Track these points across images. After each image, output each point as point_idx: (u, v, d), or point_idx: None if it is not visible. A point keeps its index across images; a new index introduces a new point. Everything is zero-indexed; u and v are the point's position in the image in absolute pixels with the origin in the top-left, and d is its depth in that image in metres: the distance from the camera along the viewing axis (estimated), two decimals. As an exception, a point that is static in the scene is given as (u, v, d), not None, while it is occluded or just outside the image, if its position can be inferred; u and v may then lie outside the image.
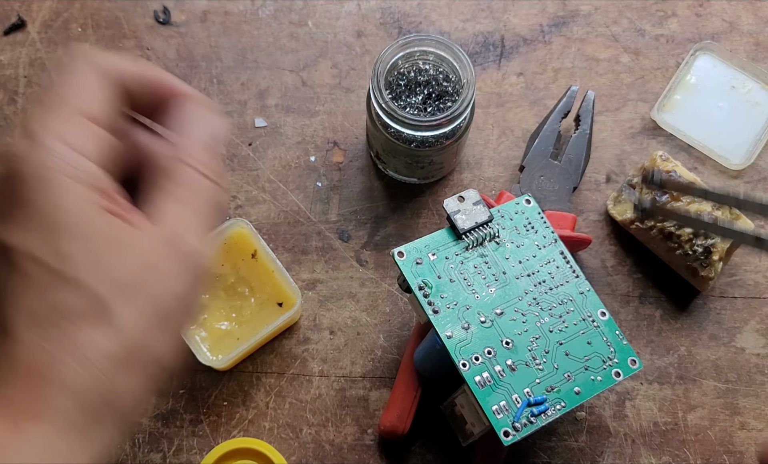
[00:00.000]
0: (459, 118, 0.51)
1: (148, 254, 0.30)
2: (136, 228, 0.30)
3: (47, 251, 0.28)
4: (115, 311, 0.28)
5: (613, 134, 0.60)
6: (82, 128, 0.30)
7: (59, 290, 0.28)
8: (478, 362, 0.45)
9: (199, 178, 0.32)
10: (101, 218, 0.29)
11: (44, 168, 0.28)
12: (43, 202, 0.28)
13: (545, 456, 0.52)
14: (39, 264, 0.28)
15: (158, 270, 0.30)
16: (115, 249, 0.29)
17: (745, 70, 0.60)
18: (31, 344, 0.27)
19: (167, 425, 0.53)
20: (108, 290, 0.28)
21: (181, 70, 0.61)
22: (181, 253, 0.30)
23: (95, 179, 0.29)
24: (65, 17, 0.62)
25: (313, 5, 0.63)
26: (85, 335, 0.28)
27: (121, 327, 0.28)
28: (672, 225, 0.53)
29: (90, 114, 0.30)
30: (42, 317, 0.28)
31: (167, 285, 0.30)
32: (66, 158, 0.29)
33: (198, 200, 0.32)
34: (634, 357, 0.47)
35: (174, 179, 0.32)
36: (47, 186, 0.28)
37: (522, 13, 0.63)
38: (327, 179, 0.58)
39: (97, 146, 0.30)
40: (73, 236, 0.28)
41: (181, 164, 0.32)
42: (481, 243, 0.49)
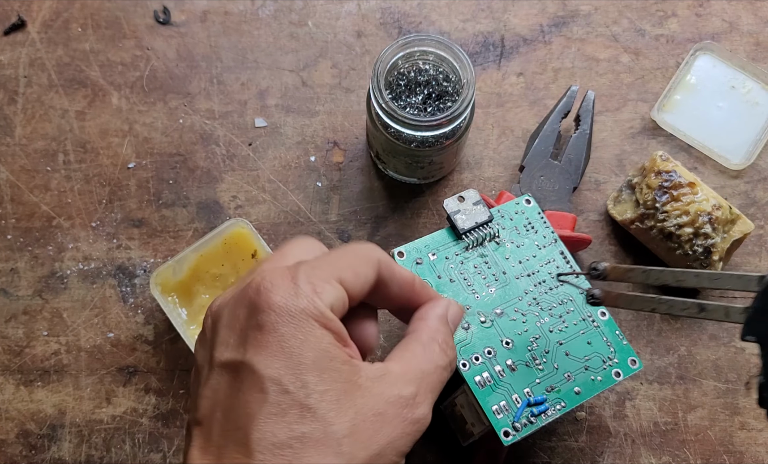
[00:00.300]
0: (459, 118, 0.51)
1: (381, 402, 0.33)
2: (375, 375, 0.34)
3: (294, 382, 0.31)
4: (346, 448, 0.31)
5: (613, 134, 0.60)
6: (335, 290, 0.34)
7: (300, 420, 0.31)
8: (478, 362, 0.45)
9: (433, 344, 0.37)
10: (341, 360, 0.33)
11: (297, 309, 0.32)
12: (291, 336, 0.32)
13: (545, 456, 0.52)
14: (285, 393, 0.31)
15: (387, 419, 0.33)
16: (352, 391, 0.32)
17: (745, 70, 0.60)
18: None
19: (167, 425, 0.53)
20: (344, 428, 0.31)
21: (181, 70, 0.61)
22: (410, 412, 0.34)
23: (337, 328, 0.33)
24: (65, 17, 0.62)
25: (313, 5, 0.63)
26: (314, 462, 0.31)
27: (347, 462, 0.31)
28: (672, 225, 0.53)
29: (345, 283, 0.34)
30: (284, 446, 0.30)
31: (391, 434, 0.33)
32: (317, 306, 0.33)
33: (428, 362, 0.36)
34: (634, 357, 0.47)
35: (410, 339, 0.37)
36: (298, 324, 0.32)
37: (522, 13, 0.63)
38: (327, 179, 0.58)
39: (339, 307, 0.34)
40: (317, 372, 0.32)
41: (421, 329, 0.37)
42: (481, 243, 0.49)
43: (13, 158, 0.59)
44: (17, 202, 0.58)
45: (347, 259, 0.36)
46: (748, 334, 0.36)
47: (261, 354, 0.32)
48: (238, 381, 0.32)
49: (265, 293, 0.32)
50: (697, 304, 0.39)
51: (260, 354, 0.32)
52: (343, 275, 0.35)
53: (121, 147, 0.59)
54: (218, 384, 0.33)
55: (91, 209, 0.58)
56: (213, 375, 0.33)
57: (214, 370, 0.33)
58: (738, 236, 0.53)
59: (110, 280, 0.56)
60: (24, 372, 0.54)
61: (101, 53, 0.61)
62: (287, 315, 0.32)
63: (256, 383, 0.31)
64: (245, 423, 0.31)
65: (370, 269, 0.36)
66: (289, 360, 0.32)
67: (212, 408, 0.33)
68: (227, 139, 0.59)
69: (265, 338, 0.32)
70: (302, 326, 0.32)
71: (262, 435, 0.31)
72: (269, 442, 0.30)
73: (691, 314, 0.39)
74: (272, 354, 0.32)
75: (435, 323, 0.38)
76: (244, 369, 0.32)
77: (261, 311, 0.32)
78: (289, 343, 0.32)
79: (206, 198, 0.58)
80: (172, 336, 0.54)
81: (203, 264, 0.53)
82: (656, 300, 0.41)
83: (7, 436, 0.53)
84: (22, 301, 0.56)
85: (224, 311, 0.34)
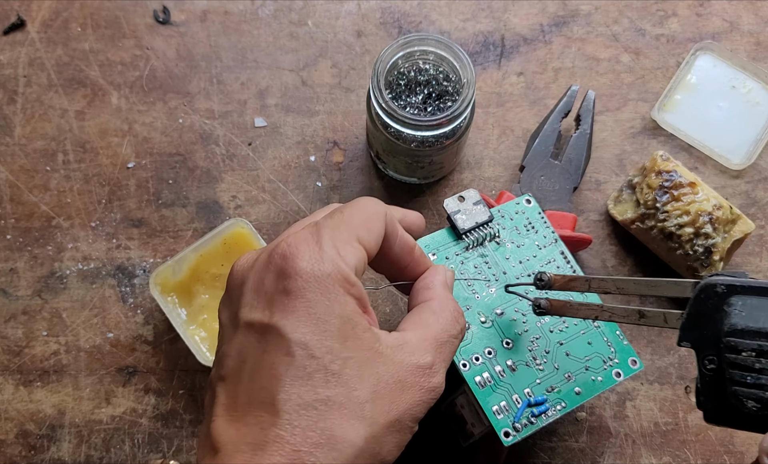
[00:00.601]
0: (459, 118, 0.51)
1: (401, 370, 0.34)
2: (394, 344, 0.35)
3: (321, 348, 0.32)
4: (368, 413, 0.33)
5: (614, 133, 0.60)
6: (357, 251, 0.35)
7: (326, 384, 0.32)
8: (478, 362, 0.44)
9: (445, 311, 0.38)
10: (363, 327, 0.34)
11: (323, 274, 0.33)
12: (317, 302, 0.33)
13: (546, 456, 0.52)
14: (312, 357, 0.32)
15: (406, 386, 0.34)
16: (374, 358, 0.34)
17: (746, 70, 0.60)
18: (298, 430, 0.31)
19: (167, 425, 0.53)
20: (366, 393, 0.33)
21: (181, 69, 0.61)
22: (427, 380, 0.35)
23: (359, 294, 0.34)
24: (65, 17, 0.62)
25: (313, 5, 0.63)
26: (341, 429, 0.32)
27: (368, 426, 0.33)
28: (672, 225, 0.53)
29: (363, 241, 0.36)
30: (310, 408, 0.32)
31: (409, 401, 0.34)
32: (342, 271, 0.34)
33: (442, 332, 0.37)
34: (635, 357, 0.47)
35: (423, 308, 0.38)
36: (324, 290, 0.33)
37: (522, 12, 0.63)
38: (327, 179, 0.58)
39: (361, 268, 0.35)
40: (341, 338, 0.33)
41: (428, 291, 0.39)
42: (482, 243, 0.48)
43: (13, 158, 0.59)
44: (17, 202, 0.58)
45: (361, 216, 0.37)
46: (683, 340, 0.37)
47: (288, 318, 0.32)
48: (264, 343, 0.33)
49: (291, 259, 0.33)
50: (637, 311, 0.40)
51: (287, 318, 0.32)
52: (360, 234, 0.36)
53: (121, 147, 0.59)
54: (244, 344, 0.34)
55: (91, 209, 0.57)
56: (238, 334, 0.34)
57: (240, 330, 0.34)
58: (739, 236, 0.53)
59: (110, 280, 0.56)
60: (23, 372, 0.54)
61: (101, 53, 0.61)
62: (314, 280, 0.33)
63: (283, 346, 0.32)
64: (271, 384, 0.32)
65: (381, 223, 0.37)
66: (316, 326, 0.32)
67: (238, 367, 0.33)
68: (227, 139, 0.59)
69: (292, 303, 0.33)
70: (328, 292, 0.33)
71: (288, 397, 0.32)
72: (295, 403, 0.31)
73: (632, 321, 0.40)
74: (299, 318, 0.32)
75: (442, 292, 0.39)
76: (270, 332, 0.33)
77: (288, 277, 0.33)
78: (315, 309, 0.33)
79: (206, 198, 0.58)
80: (172, 336, 0.54)
81: (203, 264, 0.53)
82: (599, 308, 0.42)
83: (7, 436, 0.53)
84: (21, 301, 0.55)
85: (250, 275, 0.35)
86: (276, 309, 0.33)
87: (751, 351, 0.34)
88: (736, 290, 0.36)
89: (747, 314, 0.35)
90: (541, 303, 0.44)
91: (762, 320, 0.34)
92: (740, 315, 0.35)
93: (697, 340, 0.36)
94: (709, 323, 0.36)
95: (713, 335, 0.36)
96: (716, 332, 0.36)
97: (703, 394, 0.36)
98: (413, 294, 0.40)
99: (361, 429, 0.32)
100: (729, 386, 0.35)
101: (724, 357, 0.35)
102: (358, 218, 0.36)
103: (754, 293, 0.35)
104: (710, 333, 0.36)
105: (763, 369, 0.34)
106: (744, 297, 0.35)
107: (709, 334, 0.36)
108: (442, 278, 0.40)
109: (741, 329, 0.35)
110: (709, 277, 0.36)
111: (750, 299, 0.35)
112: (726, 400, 0.35)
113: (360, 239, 0.36)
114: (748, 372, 0.34)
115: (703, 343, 0.36)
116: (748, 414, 0.35)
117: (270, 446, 0.31)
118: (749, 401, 0.34)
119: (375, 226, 0.37)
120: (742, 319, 0.35)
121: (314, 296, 0.33)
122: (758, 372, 0.34)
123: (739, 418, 0.35)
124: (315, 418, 0.32)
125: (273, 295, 0.33)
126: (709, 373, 0.36)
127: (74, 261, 0.56)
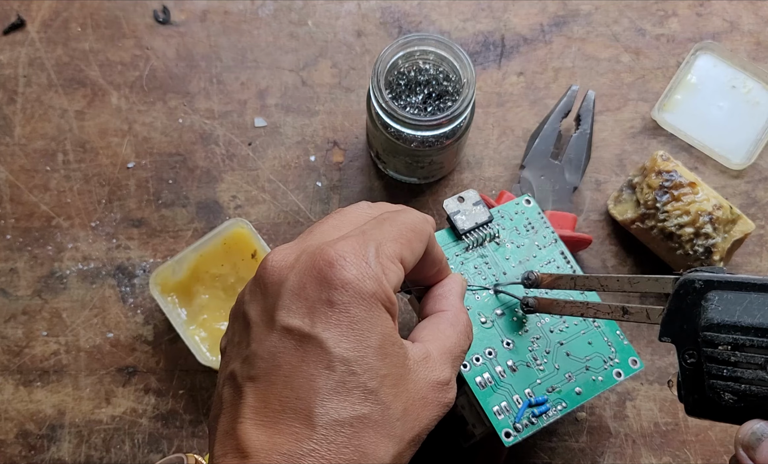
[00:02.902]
0: (459, 117, 0.51)
1: (425, 387, 0.35)
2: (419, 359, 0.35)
3: (362, 365, 0.32)
4: (398, 431, 0.33)
5: (614, 133, 0.60)
6: (399, 271, 0.35)
7: (366, 403, 0.32)
8: (478, 363, 0.44)
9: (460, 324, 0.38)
10: (399, 344, 0.34)
11: (369, 291, 0.33)
12: (360, 318, 0.32)
13: (546, 456, 0.52)
14: (352, 374, 0.32)
15: (428, 403, 0.35)
16: (405, 375, 0.34)
17: (746, 70, 0.60)
18: (333, 446, 0.31)
19: (167, 425, 0.53)
20: (399, 412, 0.33)
21: (181, 69, 0.61)
22: (444, 396, 0.35)
23: (394, 309, 0.34)
24: (65, 17, 0.62)
25: (313, 5, 0.63)
26: (373, 447, 0.32)
27: (397, 444, 0.33)
28: (673, 225, 0.53)
29: (405, 261, 0.36)
30: (346, 424, 0.31)
31: (429, 416, 0.35)
32: (386, 290, 0.33)
33: (457, 346, 0.37)
34: (635, 357, 0.47)
35: (441, 319, 0.38)
36: (368, 306, 0.33)
37: (522, 12, 0.63)
38: (327, 179, 0.58)
39: (398, 285, 0.35)
40: (381, 357, 0.33)
41: (445, 301, 0.39)
42: (481, 244, 0.48)
43: (13, 158, 0.59)
44: (16, 202, 0.58)
45: (408, 234, 0.36)
46: (664, 335, 0.37)
47: (331, 330, 0.32)
48: (303, 352, 0.32)
49: (339, 270, 0.33)
50: (621, 307, 0.40)
51: (330, 331, 0.32)
52: (404, 254, 0.35)
53: (121, 147, 0.59)
54: (279, 348, 0.33)
55: (91, 209, 0.57)
56: (273, 336, 0.33)
57: (275, 332, 0.33)
58: (739, 236, 0.53)
59: (110, 280, 0.56)
60: (23, 372, 0.54)
61: (101, 53, 0.61)
62: (359, 296, 0.32)
63: (324, 359, 0.32)
64: (309, 395, 0.31)
65: (423, 245, 0.37)
66: (358, 343, 0.32)
67: (271, 370, 0.33)
68: (227, 138, 0.59)
69: (335, 317, 0.32)
70: (372, 309, 0.33)
71: (326, 411, 0.31)
72: (332, 418, 0.31)
73: (617, 317, 0.41)
74: (342, 333, 0.32)
75: (459, 303, 0.39)
76: (311, 342, 0.32)
77: (333, 288, 0.32)
78: (359, 325, 0.32)
79: (206, 198, 0.58)
80: (172, 336, 0.54)
81: (203, 264, 0.53)
82: (584, 305, 0.42)
83: (7, 436, 0.53)
84: (21, 301, 0.55)
85: (290, 275, 0.34)
86: (318, 319, 0.32)
87: (727, 344, 0.35)
88: (713, 286, 0.36)
89: (723, 309, 0.35)
90: (529, 302, 0.45)
91: (737, 314, 0.35)
92: (717, 310, 0.35)
93: (677, 335, 0.37)
94: (688, 318, 0.36)
95: (692, 330, 0.36)
96: (694, 327, 0.36)
97: (684, 388, 0.37)
98: (430, 300, 0.40)
99: (391, 447, 0.32)
100: (707, 379, 0.36)
101: (702, 351, 0.36)
102: (405, 237, 0.36)
103: (730, 288, 0.36)
104: (689, 328, 0.36)
105: (738, 362, 0.34)
106: (721, 292, 0.36)
107: (688, 329, 0.36)
108: (459, 289, 0.40)
109: (717, 324, 0.35)
110: (688, 273, 0.37)
111: (726, 294, 0.35)
112: (705, 393, 0.36)
113: (403, 259, 0.35)
114: (724, 365, 0.35)
115: (682, 338, 0.37)
116: (725, 407, 0.35)
117: (304, 459, 0.31)
118: (726, 393, 0.35)
119: (417, 247, 0.37)
120: (719, 313, 0.35)
121: (358, 311, 0.32)
122: (734, 365, 0.35)
123: (717, 411, 0.36)
124: (350, 435, 0.31)
125: (316, 304, 0.33)
126: (689, 367, 0.36)
127: (74, 261, 0.56)
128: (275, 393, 0.32)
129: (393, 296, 0.34)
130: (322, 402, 0.31)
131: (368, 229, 0.35)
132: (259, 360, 0.33)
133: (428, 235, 0.37)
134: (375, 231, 0.35)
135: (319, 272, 0.33)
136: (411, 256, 0.36)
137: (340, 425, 0.31)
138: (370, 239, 0.34)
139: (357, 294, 0.32)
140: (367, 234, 0.35)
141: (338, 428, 0.31)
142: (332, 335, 0.32)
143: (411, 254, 0.36)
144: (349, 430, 0.31)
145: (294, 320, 0.33)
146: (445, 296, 0.39)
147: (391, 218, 0.37)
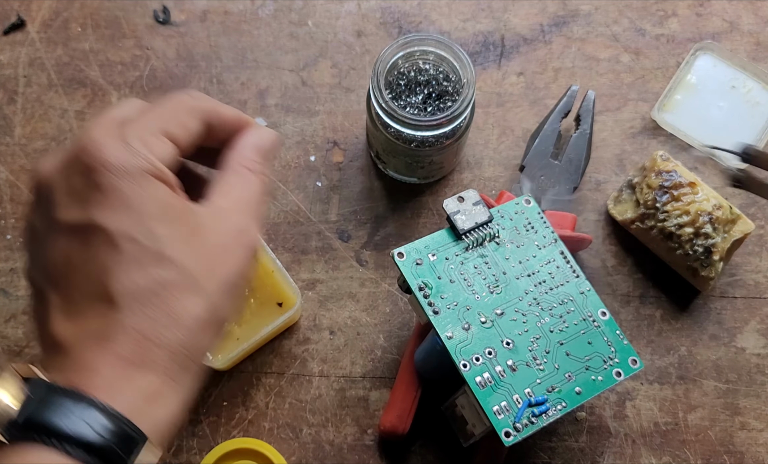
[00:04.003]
0: (459, 118, 0.51)
1: (222, 236, 0.35)
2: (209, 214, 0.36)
3: (143, 233, 0.33)
4: (202, 284, 0.34)
5: (614, 133, 0.60)
6: (162, 143, 0.35)
7: (158, 266, 0.33)
8: (478, 362, 0.45)
9: (248, 173, 0.38)
10: (180, 207, 0.34)
11: (131, 164, 0.33)
12: (130, 191, 0.33)
13: (546, 456, 0.52)
14: (137, 244, 0.33)
15: (229, 250, 0.35)
16: (196, 232, 0.34)
17: (746, 70, 0.60)
18: (137, 312, 0.32)
19: (167, 425, 0.53)
20: (196, 267, 0.34)
21: (181, 69, 0.61)
22: (246, 239, 0.36)
23: (169, 180, 0.34)
24: (65, 17, 0.62)
25: (313, 5, 0.63)
26: (180, 304, 0.33)
27: (205, 296, 0.34)
28: (672, 225, 0.53)
29: (171, 135, 0.36)
30: (144, 290, 0.32)
31: (236, 262, 0.35)
32: (149, 160, 0.34)
33: (248, 191, 0.38)
34: (635, 357, 0.47)
35: (228, 173, 0.38)
36: (134, 179, 0.33)
37: (522, 12, 0.63)
38: (327, 179, 0.58)
39: (169, 159, 0.35)
40: (161, 221, 0.33)
41: (233, 160, 0.38)
42: (481, 244, 0.48)
43: (13, 158, 0.59)
44: (17, 202, 0.58)
45: (171, 112, 0.36)
46: None
47: (105, 212, 0.33)
48: (88, 241, 0.33)
49: (97, 154, 0.33)
50: None
51: (105, 212, 0.33)
52: (170, 129, 0.36)
53: (121, 147, 0.59)
54: (67, 246, 0.33)
55: (91, 209, 0.57)
56: (59, 237, 0.34)
57: (60, 233, 0.34)
58: (738, 236, 0.53)
59: (110, 280, 0.56)
60: (23, 372, 0.54)
61: (101, 53, 0.61)
62: (123, 172, 0.33)
63: (107, 240, 0.32)
64: (104, 277, 0.32)
65: (196, 119, 0.37)
66: (134, 214, 0.33)
67: (65, 269, 0.33)
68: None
69: (105, 197, 0.33)
70: (139, 181, 0.33)
71: (122, 285, 0.32)
72: (130, 290, 0.32)
73: None
74: (116, 210, 0.33)
75: (244, 152, 0.39)
76: (91, 229, 0.33)
77: (96, 172, 0.33)
78: (130, 199, 0.33)
79: (206, 198, 0.58)
80: (172, 336, 0.54)
81: (203, 264, 0.53)
82: None
83: (7, 436, 0.53)
84: (21, 301, 0.55)
85: (56, 177, 0.34)
86: (91, 206, 0.33)
87: None
88: None
89: None
90: (741, 177, 0.42)
91: None
92: None
93: None
94: None
95: None
96: None
97: None
98: (221, 157, 0.39)
99: (200, 301, 0.33)
100: None
101: None
102: (168, 114, 0.36)
103: None
104: None
105: None
106: None
107: None
108: (251, 140, 0.39)
109: None
110: None
111: None
112: None
113: (170, 134, 0.35)
114: None
115: None
116: None
117: (116, 335, 0.32)
118: None
119: (189, 122, 0.37)
120: None
121: (125, 186, 0.33)
122: None
123: None
124: (154, 300, 0.32)
125: (85, 192, 0.33)
126: None
127: (74, 261, 0.56)
128: (74, 287, 0.33)
129: (162, 166, 0.34)
130: (117, 279, 0.32)
131: (122, 115, 0.36)
132: (51, 265, 0.34)
133: (200, 108, 0.37)
134: (131, 117, 0.36)
135: (80, 162, 0.33)
136: (182, 130, 0.36)
137: (140, 293, 0.32)
138: (126, 122, 0.35)
139: (120, 171, 0.33)
140: (122, 119, 0.35)
141: (140, 296, 0.32)
142: (108, 216, 0.33)
143: (182, 128, 0.36)
144: (151, 296, 0.32)
145: (70, 215, 0.33)
146: (233, 148, 0.39)
147: (150, 106, 0.37)
